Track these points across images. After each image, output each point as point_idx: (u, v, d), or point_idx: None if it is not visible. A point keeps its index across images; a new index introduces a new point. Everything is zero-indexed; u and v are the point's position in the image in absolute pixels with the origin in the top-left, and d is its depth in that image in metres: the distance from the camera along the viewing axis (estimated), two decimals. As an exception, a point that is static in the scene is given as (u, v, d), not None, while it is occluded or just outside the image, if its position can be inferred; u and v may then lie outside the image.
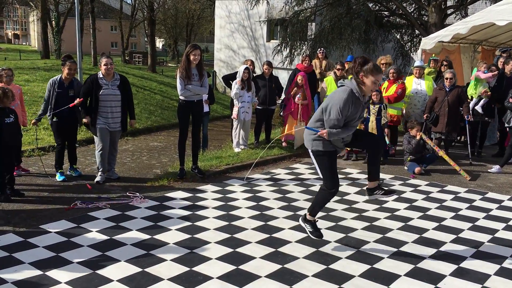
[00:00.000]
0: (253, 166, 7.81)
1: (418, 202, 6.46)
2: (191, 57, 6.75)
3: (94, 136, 7.02)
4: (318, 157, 4.60)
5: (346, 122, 4.44)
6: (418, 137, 8.10)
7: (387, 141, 8.86)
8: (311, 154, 4.70)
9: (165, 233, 5.08)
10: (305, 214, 4.93)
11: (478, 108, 9.21)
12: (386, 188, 4.91)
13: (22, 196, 6.14)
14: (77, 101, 6.82)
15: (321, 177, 4.69)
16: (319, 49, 11.65)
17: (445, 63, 10.10)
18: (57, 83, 6.97)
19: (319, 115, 4.55)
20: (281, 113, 9.91)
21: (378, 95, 8.51)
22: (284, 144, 9.65)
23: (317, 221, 4.93)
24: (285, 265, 4.40)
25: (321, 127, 4.51)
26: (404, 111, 9.41)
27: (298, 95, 9.35)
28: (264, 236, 5.09)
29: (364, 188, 7.02)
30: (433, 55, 10.69)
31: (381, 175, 7.77)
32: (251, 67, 9.30)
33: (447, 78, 8.73)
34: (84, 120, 6.88)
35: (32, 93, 14.31)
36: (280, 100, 10.07)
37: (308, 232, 4.84)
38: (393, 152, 9.16)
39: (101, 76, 6.80)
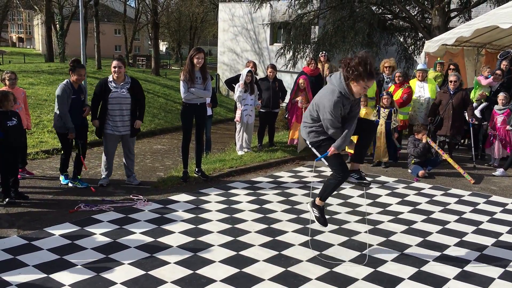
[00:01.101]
0: (258, 169, 7.80)
1: (422, 205, 6.45)
2: (195, 60, 6.77)
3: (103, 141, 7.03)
4: (319, 147, 4.54)
5: (343, 118, 4.36)
6: (424, 140, 8.08)
7: (398, 145, 8.85)
8: (310, 146, 4.63)
9: (168, 236, 5.09)
10: (314, 199, 4.80)
11: (477, 112, 9.21)
12: (363, 175, 4.73)
13: (26, 199, 6.16)
14: (87, 111, 6.87)
15: (327, 166, 4.60)
16: (321, 53, 11.65)
17: (452, 66, 10.10)
18: (71, 90, 6.65)
19: (311, 111, 4.48)
20: (286, 116, 9.90)
21: (389, 99, 8.50)
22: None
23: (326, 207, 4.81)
24: (289, 268, 4.40)
25: (315, 123, 4.45)
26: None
27: (300, 99, 9.38)
28: (267, 239, 5.09)
29: (367, 191, 7.02)
30: (438, 58, 10.69)
31: (386, 178, 7.78)
32: (253, 69, 9.31)
33: (451, 81, 8.73)
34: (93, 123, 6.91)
35: (36, 96, 14.36)
36: (285, 103, 10.07)
37: (314, 218, 4.72)
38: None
39: (111, 79, 6.78)
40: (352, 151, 6.98)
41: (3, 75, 7.23)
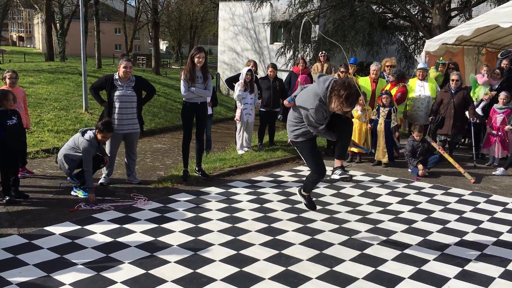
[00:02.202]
0: (258, 168, 7.80)
1: (422, 205, 6.45)
2: (196, 60, 6.76)
3: None
4: (299, 146, 4.79)
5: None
6: (417, 138, 8.04)
7: (398, 145, 8.84)
8: (292, 144, 4.91)
9: (169, 235, 5.09)
10: (300, 188, 5.14)
11: (478, 110, 9.20)
12: (347, 171, 4.99)
13: (26, 198, 6.15)
14: (106, 161, 6.76)
15: (306, 164, 4.92)
16: (320, 53, 11.65)
17: (452, 66, 10.09)
18: (97, 146, 6.42)
19: (295, 110, 4.64)
20: (280, 118, 9.91)
21: (388, 98, 8.49)
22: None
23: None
24: (289, 267, 4.40)
25: (298, 123, 4.63)
26: (407, 113, 9.41)
27: None
28: (268, 238, 5.09)
29: (367, 190, 7.03)
30: (441, 58, 10.69)
31: (386, 177, 7.78)
32: (254, 68, 9.30)
33: (453, 80, 8.71)
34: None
35: (36, 95, 14.36)
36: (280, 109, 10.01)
37: (304, 205, 5.11)
38: (396, 155, 9.13)
39: (117, 77, 6.78)
40: (356, 150, 7.21)
41: (4, 74, 7.22)
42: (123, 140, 7.04)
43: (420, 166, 7.88)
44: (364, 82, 9.22)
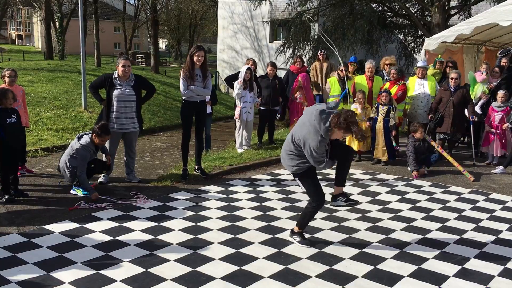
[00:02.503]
0: (257, 166, 7.80)
1: (422, 203, 6.45)
2: (195, 58, 6.75)
3: None
4: (300, 178, 4.76)
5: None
6: (420, 136, 8.03)
7: (394, 143, 8.84)
8: (292, 175, 4.87)
9: (168, 234, 5.09)
10: (292, 229, 5.03)
11: (477, 108, 9.19)
12: (350, 197, 4.96)
13: (26, 197, 6.15)
14: (109, 160, 6.77)
15: (306, 193, 4.86)
16: (319, 51, 11.59)
17: (450, 64, 10.08)
18: (94, 151, 6.48)
19: (295, 142, 4.60)
20: (278, 118, 9.96)
21: (387, 97, 8.47)
22: None
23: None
24: (288, 266, 4.40)
25: (300, 158, 4.60)
26: (407, 112, 9.40)
27: (298, 95, 9.46)
28: (267, 236, 5.09)
29: (367, 189, 7.03)
30: (439, 56, 10.68)
31: (385, 176, 7.78)
32: (253, 66, 9.30)
33: (452, 78, 8.69)
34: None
35: (35, 93, 14.34)
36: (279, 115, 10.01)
37: (297, 243, 4.89)
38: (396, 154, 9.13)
39: (116, 76, 6.77)
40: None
41: (3, 72, 7.20)
42: (122, 138, 7.04)
43: (414, 173, 7.85)
44: (360, 80, 9.23)
